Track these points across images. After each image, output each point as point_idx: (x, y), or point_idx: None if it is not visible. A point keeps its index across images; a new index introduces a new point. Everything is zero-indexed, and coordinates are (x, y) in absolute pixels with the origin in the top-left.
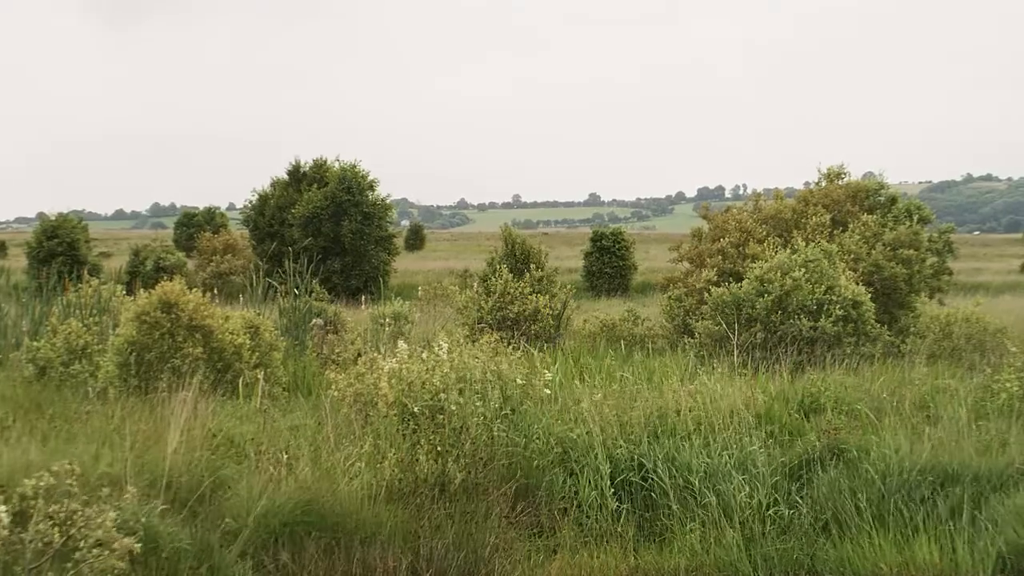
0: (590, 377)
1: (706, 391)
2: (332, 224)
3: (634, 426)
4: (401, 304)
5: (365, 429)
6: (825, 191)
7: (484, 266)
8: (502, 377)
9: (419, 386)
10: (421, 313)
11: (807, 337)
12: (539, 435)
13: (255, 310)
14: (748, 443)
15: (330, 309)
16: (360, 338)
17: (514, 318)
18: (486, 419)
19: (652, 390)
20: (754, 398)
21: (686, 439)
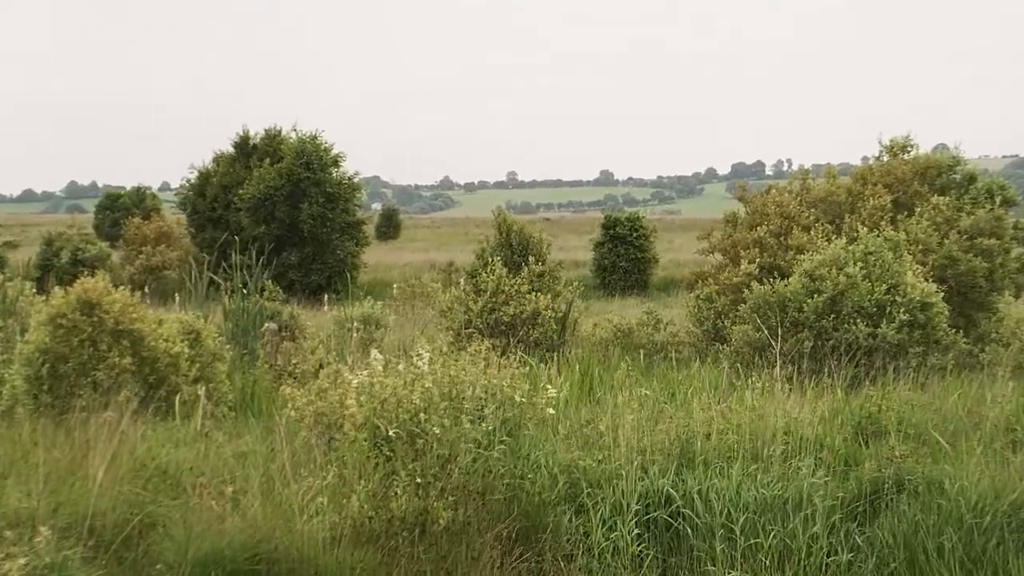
0: (602, 393)
1: (743, 410)
2: (288, 208)
3: (655, 453)
4: (372, 305)
5: (328, 456)
6: (887, 168)
7: (473, 259)
8: (496, 394)
9: (395, 404)
10: (396, 316)
11: (865, 346)
12: (542, 464)
13: (195, 312)
14: (800, 474)
15: (286, 311)
16: (322, 346)
17: (509, 322)
18: (478, 445)
19: (677, 409)
20: (802, 419)
21: (720, 468)
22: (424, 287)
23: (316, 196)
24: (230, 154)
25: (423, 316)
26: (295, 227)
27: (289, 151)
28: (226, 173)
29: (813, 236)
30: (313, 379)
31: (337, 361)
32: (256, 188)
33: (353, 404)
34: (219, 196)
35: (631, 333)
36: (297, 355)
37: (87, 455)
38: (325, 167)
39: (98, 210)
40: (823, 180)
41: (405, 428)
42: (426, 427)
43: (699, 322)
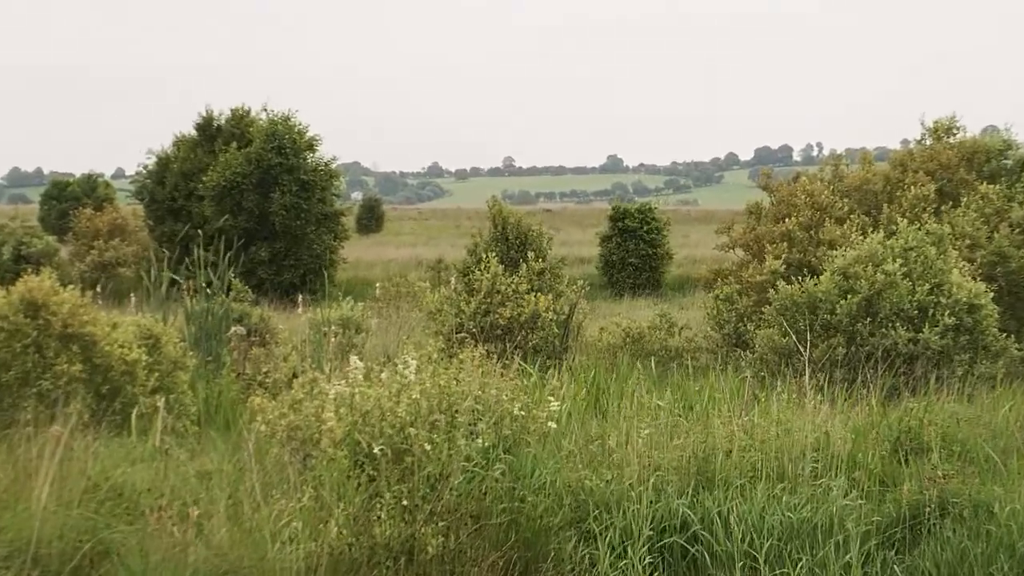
0: (611, 406)
1: (768, 424)
2: (257, 197)
3: (670, 471)
4: (352, 306)
5: (303, 476)
6: (930, 152)
7: (464, 255)
8: (493, 407)
9: (378, 418)
10: (379, 318)
11: (904, 352)
12: (544, 485)
13: (153, 315)
14: (831, 495)
15: (255, 313)
16: (296, 352)
17: (506, 325)
18: (472, 463)
19: (694, 423)
20: (834, 434)
21: (742, 489)
22: (410, 286)
23: (289, 184)
24: (192, 137)
25: (409, 319)
26: (265, 219)
27: (258, 134)
28: (187, 159)
29: (847, 229)
30: (286, 389)
31: (313, 369)
32: (221, 175)
33: (331, 417)
34: (180, 184)
35: (642, 338)
36: (268, 362)
37: (31, 475)
38: (299, 152)
39: (43, 200)
40: (858, 166)
41: (390, 444)
42: (414, 443)
43: (718, 325)
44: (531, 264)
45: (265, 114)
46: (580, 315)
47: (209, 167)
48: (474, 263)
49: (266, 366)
